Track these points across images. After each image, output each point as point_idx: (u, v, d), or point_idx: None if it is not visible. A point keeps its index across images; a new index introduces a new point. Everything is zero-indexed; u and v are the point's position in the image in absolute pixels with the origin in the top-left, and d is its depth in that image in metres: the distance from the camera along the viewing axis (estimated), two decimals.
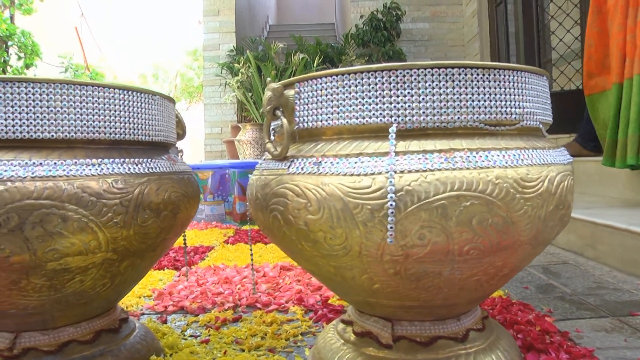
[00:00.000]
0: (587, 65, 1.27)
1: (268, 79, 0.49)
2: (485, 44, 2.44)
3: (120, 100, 0.49)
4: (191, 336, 0.68)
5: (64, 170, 0.44)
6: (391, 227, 0.40)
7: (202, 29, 2.84)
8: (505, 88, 0.45)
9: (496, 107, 0.44)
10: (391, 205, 0.40)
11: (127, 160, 0.48)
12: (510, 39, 2.29)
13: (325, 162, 0.43)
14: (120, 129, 0.49)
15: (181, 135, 0.64)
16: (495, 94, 0.44)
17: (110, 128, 0.48)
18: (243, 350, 0.62)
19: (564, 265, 1.03)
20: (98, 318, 0.56)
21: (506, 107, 0.45)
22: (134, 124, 0.50)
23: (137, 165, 0.49)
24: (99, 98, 0.47)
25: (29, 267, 0.44)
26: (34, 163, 0.43)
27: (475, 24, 2.54)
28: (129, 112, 0.49)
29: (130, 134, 0.50)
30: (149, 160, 0.50)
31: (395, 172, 0.40)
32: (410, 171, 0.41)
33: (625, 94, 1.05)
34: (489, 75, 0.44)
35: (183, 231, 0.59)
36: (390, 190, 0.40)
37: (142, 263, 0.53)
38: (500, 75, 0.45)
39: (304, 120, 0.47)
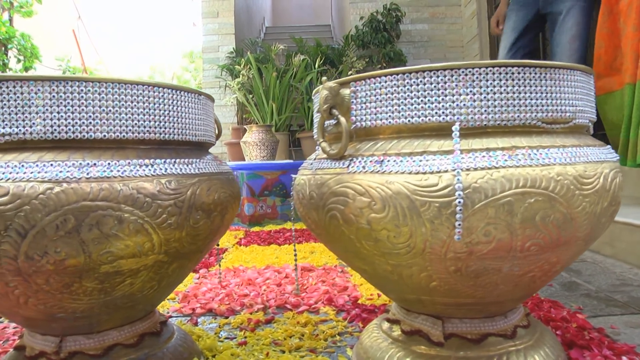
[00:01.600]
0: (596, 66, 1.29)
1: (324, 78, 0.48)
2: (484, 44, 2.48)
3: (169, 99, 0.48)
4: (226, 338, 0.67)
5: (118, 171, 0.43)
6: (459, 225, 0.40)
7: (200, 31, 2.82)
8: (560, 87, 0.45)
9: (552, 106, 0.45)
10: (459, 202, 0.40)
11: (177, 160, 0.47)
12: None
13: (388, 161, 0.43)
14: (170, 128, 0.48)
15: (217, 135, 0.63)
16: (552, 93, 0.45)
17: (161, 128, 0.47)
18: (284, 352, 0.61)
19: (582, 263, 1.04)
20: (140, 321, 0.54)
21: (561, 106, 0.46)
22: (182, 123, 0.49)
23: (187, 165, 0.48)
24: (149, 97, 0.46)
25: (83, 270, 0.43)
26: (87, 164, 0.42)
27: (474, 25, 2.57)
28: (178, 112, 0.48)
29: (178, 134, 0.49)
30: (198, 160, 0.50)
31: (461, 169, 0.41)
32: (475, 169, 0.41)
33: (638, 94, 1.07)
34: (546, 74, 0.44)
35: (225, 232, 0.58)
36: (458, 187, 0.40)
37: (188, 265, 0.52)
38: (556, 74, 0.45)
39: (361, 119, 0.47)
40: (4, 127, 0.42)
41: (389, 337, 0.56)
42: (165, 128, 0.47)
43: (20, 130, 0.42)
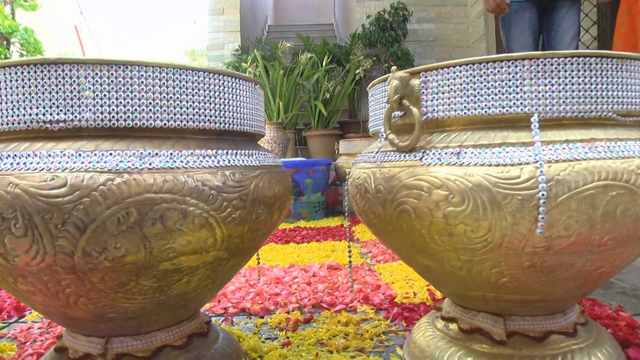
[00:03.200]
0: None
1: (394, 67, 0.46)
2: (491, 44, 2.48)
3: (230, 87, 0.45)
4: (267, 339, 0.65)
5: (181, 161, 0.40)
6: (542, 218, 0.38)
7: (206, 28, 2.78)
8: (635, 78, 0.44)
9: (627, 97, 0.44)
10: (543, 195, 0.38)
11: (238, 151, 0.45)
12: None
13: (466, 153, 0.41)
14: (230, 118, 0.45)
15: None
16: (627, 84, 0.44)
17: (221, 117, 0.44)
18: (332, 352, 0.59)
19: None
20: (187, 321, 0.52)
21: (635, 98, 0.44)
22: (241, 113, 0.47)
23: (248, 157, 0.45)
24: (210, 85, 0.44)
25: (141, 268, 0.40)
26: (149, 153, 0.39)
27: (481, 25, 2.57)
28: (238, 101, 0.46)
29: (237, 124, 0.46)
30: (256, 152, 0.47)
31: (543, 162, 0.39)
32: (557, 161, 0.40)
33: None
34: (623, 65, 0.43)
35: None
36: (541, 180, 0.38)
37: (242, 262, 0.50)
38: (631, 66, 0.44)
39: (433, 110, 0.45)
40: (57, 114, 0.39)
41: (446, 336, 0.54)
42: (225, 117, 0.45)
43: (75, 116, 0.39)
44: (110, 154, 0.38)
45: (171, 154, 0.40)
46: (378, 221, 0.49)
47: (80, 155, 0.38)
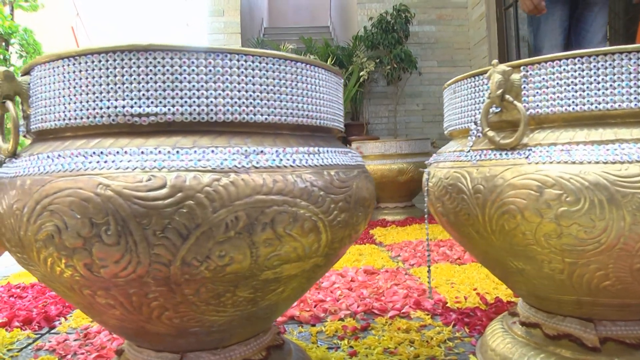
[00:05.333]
0: None
1: (495, 61, 0.44)
2: (493, 46, 2.51)
3: (325, 81, 0.42)
4: (329, 348, 0.61)
5: (287, 160, 0.36)
6: None
7: (206, 30, 2.71)
8: None
9: None
10: None
11: (336, 149, 0.41)
12: (521, 42, 2.37)
13: (577, 150, 0.39)
14: (325, 114, 0.42)
15: None
16: None
17: (317, 112, 0.41)
18: None
19: None
20: (263, 334, 0.48)
21: None
22: (333, 109, 0.43)
23: (345, 155, 0.42)
24: (308, 77, 0.40)
25: (242, 278, 0.36)
26: (254, 151, 0.35)
27: (482, 27, 2.60)
28: (332, 96, 0.43)
29: (330, 120, 0.43)
30: (349, 150, 0.44)
31: None
32: None
33: None
34: None
35: None
36: None
37: (327, 270, 0.46)
38: None
39: (536, 105, 0.43)
40: (148, 106, 0.35)
41: (530, 342, 0.52)
42: (321, 113, 0.41)
43: (168, 109, 0.35)
44: (212, 151, 0.34)
45: (277, 151, 0.36)
46: (472, 222, 0.46)
47: (178, 152, 0.34)
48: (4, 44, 2.60)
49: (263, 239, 0.34)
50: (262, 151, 0.36)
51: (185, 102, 0.35)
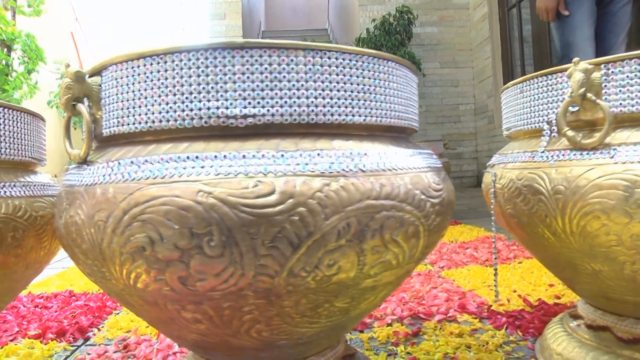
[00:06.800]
0: None
1: (576, 59, 0.43)
2: (496, 47, 2.54)
3: (411, 80, 0.40)
4: (389, 355, 0.60)
5: (390, 162, 0.35)
6: None
7: (207, 33, 2.67)
8: None
9: None
10: None
11: (422, 151, 0.40)
12: (524, 43, 2.40)
13: None
14: (411, 114, 0.40)
15: None
16: None
17: (405, 113, 0.39)
18: None
19: None
20: (337, 343, 0.46)
21: None
22: (415, 109, 0.42)
23: (430, 157, 0.41)
24: (398, 77, 0.38)
25: (344, 287, 0.34)
26: (358, 153, 0.34)
27: (485, 28, 2.63)
28: (413, 96, 0.41)
29: (414, 121, 0.41)
30: (432, 153, 0.43)
31: None
32: None
33: None
34: None
35: None
36: None
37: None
38: None
39: (619, 104, 0.42)
40: (245, 107, 0.33)
41: (600, 346, 0.51)
42: (408, 114, 0.40)
43: (267, 110, 0.33)
44: (318, 154, 0.32)
45: (378, 154, 0.35)
46: (548, 224, 0.45)
47: (282, 155, 0.32)
48: (6, 49, 2.52)
49: (371, 246, 0.33)
50: (365, 154, 0.34)
51: (286, 102, 0.33)
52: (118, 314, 0.82)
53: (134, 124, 0.35)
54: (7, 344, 0.68)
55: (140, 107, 0.35)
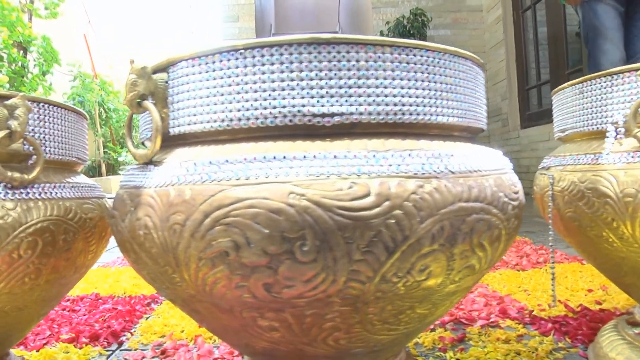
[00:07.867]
0: None
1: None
2: (510, 49, 2.53)
3: (482, 79, 0.39)
4: None
5: (475, 164, 0.33)
6: None
7: (220, 36, 2.66)
8: None
9: None
10: None
11: (497, 152, 0.39)
12: (539, 45, 2.39)
13: None
14: (483, 115, 0.39)
15: None
16: None
17: (480, 114, 0.38)
18: None
19: None
20: (400, 351, 0.44)
21: None
22: (485, 109, 0.41)
23: (504, 158, 0.39)
24: (474, 75, 0.37)
25: (428, 293, 0.33)
26: (445, 154, 0.32)
27: (499, 31, 2.62)
28: (484, 95, 0.40)
29: (483, 121, 0.40)
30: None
31: None
32: None
33: None
34: None
35: None
36: None
37: None
38: None
39: None
40: (332, 105, 0.31)
41: None
42: (482, 114, 0.39)
43: (356, 109, 0.32)
44: (409, 155, 0.31)
45: (464, 155, 0.33)
46: (615, 228, 0.44)
47: (374, 156, 0.30)
48: (22, 52, 2.52)
49: (461, 250, 0.31)
50: (452, 155, 0.33)
51: (374, 100, 0.32)
52: (149, 318, 0.81)
53: (208, 122, 0.34)
54: (42, 347, 0.67)
55: (216, 104, 0.34)
